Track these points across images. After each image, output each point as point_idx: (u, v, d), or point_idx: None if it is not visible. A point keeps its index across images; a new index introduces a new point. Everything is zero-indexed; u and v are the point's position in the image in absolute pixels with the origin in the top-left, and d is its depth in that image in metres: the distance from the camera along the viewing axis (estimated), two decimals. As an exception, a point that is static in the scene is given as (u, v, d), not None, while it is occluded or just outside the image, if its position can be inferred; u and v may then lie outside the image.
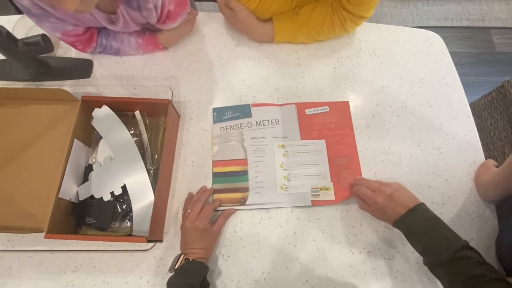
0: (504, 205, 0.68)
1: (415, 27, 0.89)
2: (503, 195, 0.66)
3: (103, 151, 0.70)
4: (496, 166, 0.72)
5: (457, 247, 0.53)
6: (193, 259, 0.61)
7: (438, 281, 0.64)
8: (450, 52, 0.86)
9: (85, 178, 0.70)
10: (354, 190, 0.69)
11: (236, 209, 0.70)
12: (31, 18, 0.67)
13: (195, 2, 1.16)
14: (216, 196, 0.71)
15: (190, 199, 0.70)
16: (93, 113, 0.71)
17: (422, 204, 0.60)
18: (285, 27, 0.80)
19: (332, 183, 0.71)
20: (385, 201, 0.62)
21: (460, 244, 0.54)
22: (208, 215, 0.66)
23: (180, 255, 0.62)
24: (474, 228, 0.69)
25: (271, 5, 0.79)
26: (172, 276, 0.61)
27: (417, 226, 0.58)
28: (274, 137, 0.75)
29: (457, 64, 0.84)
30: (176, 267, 0.61)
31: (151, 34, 0.79)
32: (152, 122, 0.74)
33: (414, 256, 0.66)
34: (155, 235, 0.64)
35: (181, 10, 0.73)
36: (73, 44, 0.76)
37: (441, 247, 0.55)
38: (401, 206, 0.60)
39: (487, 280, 0.50)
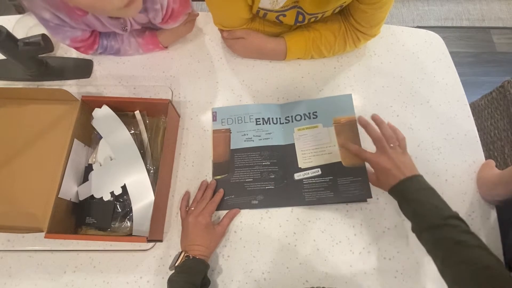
0: (506, 205, 0.68)
1: (415, 27, 0.89)
2: None
3: (103, 151, 0.70)
4: (496, 166, 0.71)
5: (445, 215, 0.55)
6: (193, 257, 0.61)
7: (438, 282, 0.64)
8: (450, 52, 0.86)
9: (85, 178, 0.70)
10: (360, 122, 0.68)
11: (240, 210, 0.70)
12: (47, 29, 0.67)
13: (194, 3, 1.16)
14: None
15: (186, 198, 0.70)
16: (93, 113, 0.71)
17: (421, 176, 0.61)
18: (298, 44, 0.78)
19: None
20: (389, 165, 0.62)
21: (449, 213, 0.55)
22: (211, 212, 0.66)
23: (181, 252, 0.62)
24: (474, 228, 0.68)
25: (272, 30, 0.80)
26: (172, 273, 0.61)
27: (411, 193, 0.59)
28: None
29: (457, 64, 0.84)
30: (176, 264, 0.61)
31: (151, 33, 0.79)
32: (152, 122, 0.74)
33: (414, 256, 0.66)
34: (155, 235, 0.64)
35: (183, 10, 0.73)
36: (77, 48, 0.76)
37: (430, 213, 0.56)
38: (400, 173, 0.60)
39: (470, 246, 0.51)
